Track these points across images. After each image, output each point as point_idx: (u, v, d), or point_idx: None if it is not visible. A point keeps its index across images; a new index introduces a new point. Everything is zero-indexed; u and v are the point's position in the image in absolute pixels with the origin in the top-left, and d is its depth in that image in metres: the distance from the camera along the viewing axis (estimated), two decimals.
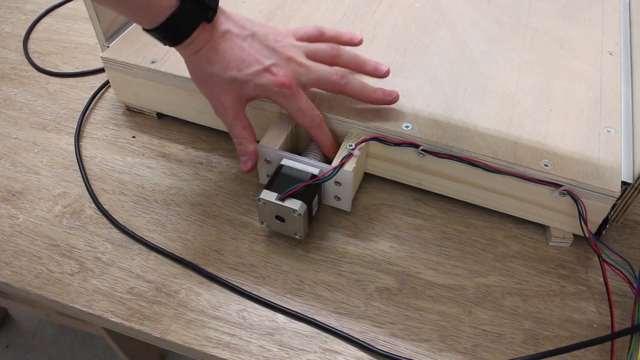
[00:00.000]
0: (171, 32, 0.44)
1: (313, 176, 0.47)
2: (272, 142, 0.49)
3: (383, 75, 0.52)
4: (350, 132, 0.50)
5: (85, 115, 0.61)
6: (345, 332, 0.44)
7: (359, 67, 0.52)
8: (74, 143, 0.58)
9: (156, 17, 0.43)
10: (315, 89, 0.50)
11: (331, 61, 0.50)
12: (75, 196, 0.54)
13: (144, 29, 0.45)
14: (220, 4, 0.46)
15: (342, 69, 0.50)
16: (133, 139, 0.59)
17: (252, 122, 0.54)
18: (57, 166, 0.56)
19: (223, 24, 0.46)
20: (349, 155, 0.47)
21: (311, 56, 0.49)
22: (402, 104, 0.51)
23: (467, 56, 0.57)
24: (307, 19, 0.61)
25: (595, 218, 0.47)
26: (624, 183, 0.46)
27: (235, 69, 0.46)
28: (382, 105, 0.51)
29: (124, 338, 0.88)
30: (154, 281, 0.47)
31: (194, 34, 0.45)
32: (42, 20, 0.76)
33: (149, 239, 0.50)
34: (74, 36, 0.73)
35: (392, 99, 0.50)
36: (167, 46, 0.47)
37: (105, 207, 0.52)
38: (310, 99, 0.49)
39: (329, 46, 0.50)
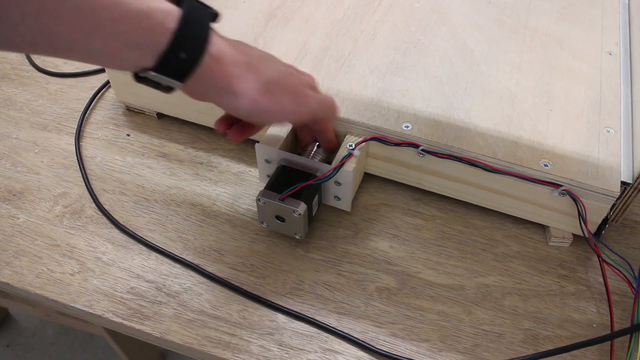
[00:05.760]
0: (190, 42, 0.34)
1: (313, 176, 0.47)
2: (272, 142, 0.49)
3: None
4: (350, 132, 0.50)
5: (86, 115, 0.61)
6: (346, 332, 0.44)
7: None
8: (74, 143, 0.58)
9: (160, 33, 0.33)
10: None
11: None
12: (76, 196, 0.54)
13: (147, 72, 0.35)
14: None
15: None
16: (128, 136, 0.59)
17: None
18: (57, 166, 0.56)
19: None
20: (349, 155, 0.47)
21: None
22: (402, 104, 0.51)
23: (467, 56, 0.57)
24: (307, 19, 0.61)
25: (595, 218, 0.47)
26: (623, 183, 0.46)
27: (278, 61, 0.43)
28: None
29: (125, 338, 0.88)
30: (154, 281, 0.47)
31: (213, 38, 0.36)
32: None
33: (149, 239, 0.50)
34: None
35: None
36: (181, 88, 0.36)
37: (106, 207, 0.52)
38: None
39: None
